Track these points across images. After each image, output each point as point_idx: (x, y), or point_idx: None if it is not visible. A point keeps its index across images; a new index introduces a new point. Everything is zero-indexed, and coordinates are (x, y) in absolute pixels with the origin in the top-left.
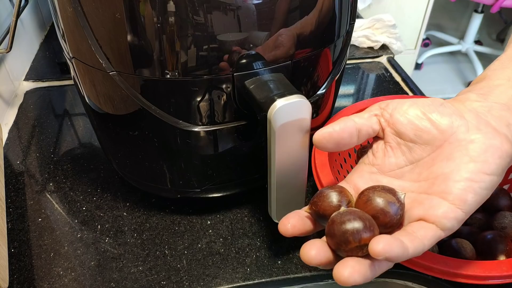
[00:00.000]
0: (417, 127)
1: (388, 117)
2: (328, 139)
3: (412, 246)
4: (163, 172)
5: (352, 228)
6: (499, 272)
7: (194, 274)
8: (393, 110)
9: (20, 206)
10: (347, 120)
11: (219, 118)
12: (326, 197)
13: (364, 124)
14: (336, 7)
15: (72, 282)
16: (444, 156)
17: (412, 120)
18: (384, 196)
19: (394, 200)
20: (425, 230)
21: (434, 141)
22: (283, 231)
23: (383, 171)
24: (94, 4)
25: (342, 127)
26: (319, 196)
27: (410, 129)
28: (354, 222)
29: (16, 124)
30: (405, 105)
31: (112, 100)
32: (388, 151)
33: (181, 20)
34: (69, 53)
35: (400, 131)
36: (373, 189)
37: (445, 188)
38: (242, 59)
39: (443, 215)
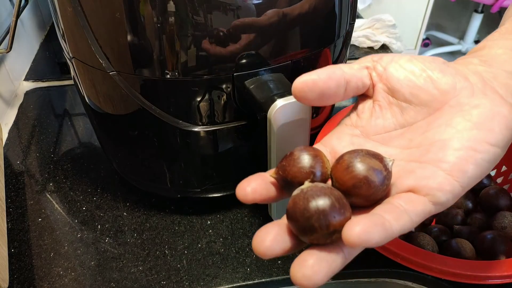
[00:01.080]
0: (414, 84)
1: (382, 71)
2: (312, 87)
3: (398, 225)
4: (163, 172)
5: (318, 212)
6: (499, 272)
7: (194, 274)
8: (387, 63)
9: (20, 206)
10: (335, 68)
11: (219, 118)
12: (296, 161)
13: (354, 76)
14: (336, 7)
15: (72, 282)
16: (442, 120)
17: (410, 76)
18: (368, 162)
19: (381, 168)
20: (414, 204)
21: (433, 103)
22: (241, 196)
23: (367, 134)
24: (94, 4)
25: (329, 74)
26: (289, 159)
27: (406, 86)
28: (320, 202)
29: (16, 124)
30: (403, 59)
31: (112, 100)
32: (376, 111)
33: (181, 20)
34: (69, 53)
35: (394, 88)
36: (355, 153)
37: (442, 156)
38: (242, 59)
39: (437, 187)
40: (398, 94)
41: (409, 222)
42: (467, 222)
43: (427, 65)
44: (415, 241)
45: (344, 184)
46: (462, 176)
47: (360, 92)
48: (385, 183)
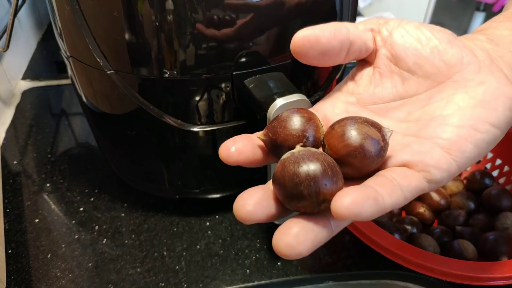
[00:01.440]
0: (420, 54)
1: (387, 35)
2: (314, 43)
3: (391, 200)
4: (161, 173)
5: (308, 178)
6: (501, 273)
7: (193, 276)
8: (394, 28)
9: (17, 207)
10: (341, 25)
11: (218, 117)
12: (288, 123)
13: (358, 37)
14: (336, 5)
15: (70, 283)
16: (444, 95)
17: (416, 45)
18: (366, 130)
19: (379, 137)
20: (409, 179)
21: (437, 76)
22: (224, 155)
23: (363, 103)
24: (91, 2)
25: (334, 32)
26: (280, 121)
27: (411, 54)
28: (311, 168)
29: (13, 124)
30: (410, 25)
31: (109, 99)
32: (375, 78)
33: (180, 18)
34: (67, 52)
35: (398, 56)
36: (351, 119)
37: (441, 132)
38: (242, 57)
39: (434, 164)
40: (402, 62)
41: (402, 198)
42: (469, 223)
43: (435, 35)
44: (416, 242)
45: (338, 152)
46: (460, 156)
47: (362, 56)
48: (381, 154)
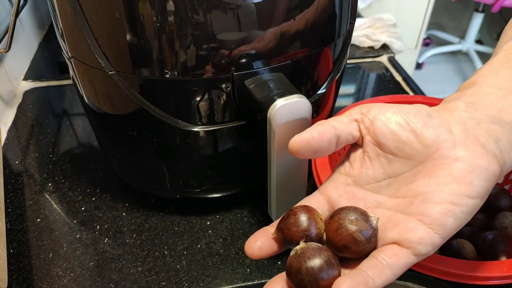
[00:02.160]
0: (399, 139)
1: (369, 124)
2: (306, 146)
3: (380, 280)
4: (162, 172)
5: (308, 274)
6: (500, 273)
7: (194, 275)
8: (374, 116)
9: (19, 207)
10: (326, 125)
11: (218, 118)
12: (292, 224)
13: (343, 131)
14: (336, 6)
15: (71, 282)
16: (425, 173)
17: (395, 131)
18: (355, 223)
19: (367, 228)
20: (397, 257)
21: (417, 156)
22: (249, 253)
23: (359, 183)
24: (93, 3)
25: (321, 133)
26: (285, 222)
27: (392, 140)
28: (310, 265)
29: (15, 124)
30: (389, 112)
31: (111, 100)
32: (365, 161)
33: (181, 19)
34: (68, 52)
35: (381, 142)
36: (344, 213)
37: (423, 210)
38: (242, 58)
39: (418, 241)
40: (385, 147)
41: (391, 276)
42: (468, 223)
43: (411, 119)
44: None
45: (336, 244)
46: (442, 229)
47: (351, 142)
48: (371, 240)
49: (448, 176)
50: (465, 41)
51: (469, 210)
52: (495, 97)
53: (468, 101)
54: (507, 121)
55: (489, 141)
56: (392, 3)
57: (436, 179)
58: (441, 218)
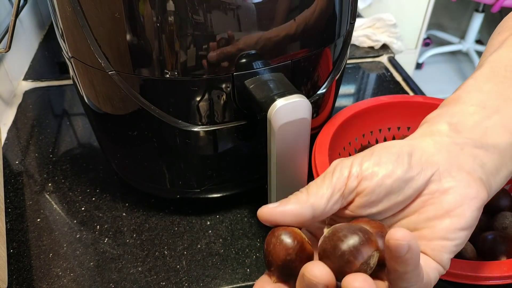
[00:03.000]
0: (390, 190)
1: (355, 186)
2: (273, 222)
3: None
4: (162, 173)
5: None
6: (500, 273)
7: (194, 275)
8: (358, 175)
9: (19, 207)
10: (303, 205)
11: (218, 118)
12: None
13: (323, 213)
14: (336, 6)
15: (71, 282)
16: (415, 209)
17: (384, 183)
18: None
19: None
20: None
21: (408, 200)
22: None
23: None
24: (93, 4)
25: (295, 215)
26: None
27: (383, 195)
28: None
29: (15, 124)
30: (371, 166)
31: (111, 100)
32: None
33: (181, 20)
34: (68, 52)
35: (371, 200)
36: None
37: None
38: (242, 58)
39: None
40: (375, 203)
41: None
42: None
43: (397, 165)
44: None
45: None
46: (440, 262)
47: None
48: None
49: (439, 210)
50: (465, 41)
51: (462, 242)
52: (479, 117)
53: (450, 122)
54: (491, 144)
55: (474, 166)
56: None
57: (427, 214)
58: (435, 255)
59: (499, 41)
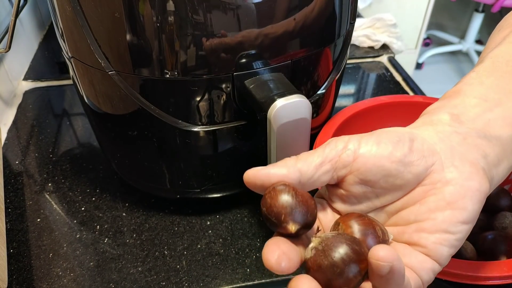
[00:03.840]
0: (389, 173)
1: (349, 161)
2: (259, 186)
3: None
4: (162, 172)
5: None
6: (500, 273)
7: (194, 275)
8: (355, 151)
9: (19, 207)
10: (290, 168)
11: (218, 118)
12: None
13: (310, 179)
14: (336, 6)
15: (71, 282)
16: (416, 199)
17: (382, 165)
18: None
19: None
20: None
21: (407, 186)
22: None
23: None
24: (93, 3)
25: (280, 177)
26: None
27: (381, 175)
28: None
29: (15, 124)
30: (369, 143)
31: (111, 100)
32: (350, 199)
33: (181, 19)
34: (68, 52)
35: (368, 179)
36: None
37: (418, 239)
38: (242, 58)
39: (421, 268)
40: (372, 183)
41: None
42: None
43: (398, 148)
44: None
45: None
46: (439, 257)
47: (318, 187)
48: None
49: (440, 201)
50: (465, 41)
51: (464, 236)
52: (481, 109)
53: (452, 113)
54: (494, 135)
55: (477, 156)
56: (392, 3)
57: (428, 205)
58: (437, 248)
59: (501, 37)
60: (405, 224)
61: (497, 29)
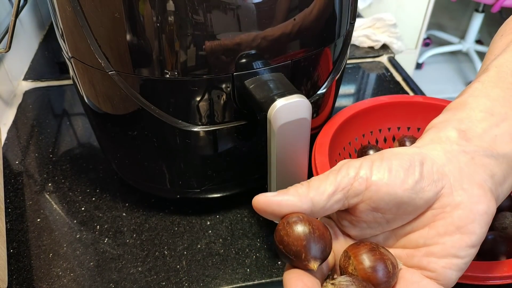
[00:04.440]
0: (401, 200)
1: (362, 189)
2: (270, 213)
3: None
4: (162, 172)
5: None
6: (500, 273)
7: (194, 275)
8: (367, 179)
9: (19, 207)
10: (303, 198)
11: (218, 118)
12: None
13: (322, 209)
14: (336, 6)
15: (71, 282)
16: (425, 223)
17: (395, 194)
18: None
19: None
20: None
21: (417, 211)
22: None
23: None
24: (93, 4)
25: (292, 206)
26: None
27: (393, 204)
28: None
29: (15, 124)
30: (381, 170)
31: (111, 100)
32: (361, 225)
33: (181, 20)
34: (68, 52)
35: (380, 207)
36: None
37: (427, 264)
38: (242, 58)
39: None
40: (384, 210)
41: None
42: None
43: (408, 173)
44: None
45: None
46: (447, 281)
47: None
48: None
49: (449, 226)
50: (465, 41)
51: (471, 259)
52: (487, 124)
53: (459, 128)
54: (501, 153)
55: (485, 177)
56: (392, 3)
57: (437, 229)
58: (446, 273)
59: (504, 43)
60: (414, 247)
61: (499, 34)
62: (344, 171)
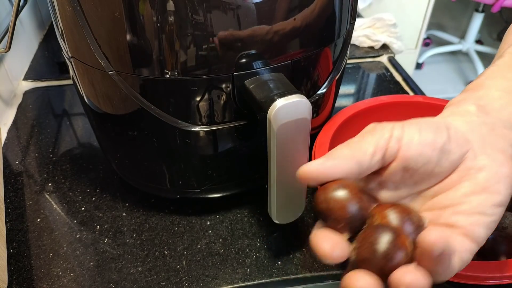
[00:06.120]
0: (429, 160)
1: (395, 149)
2: (316, 179)
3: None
4: (162, 172)
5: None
6: (500, 273)
7: (194, 275)
8: (399, 139)
9: (19, 207)
10: (348, 160)
11: (218, 118)
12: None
13: (367, 169)
14: (336, 6)
15: (71, 282)
16: (451, 185)
17: (424, 153)
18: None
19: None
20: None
21: (444, 173)
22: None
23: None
24: (93, 3)
25: (341, 169)
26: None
27: (422, 164)
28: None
29: (15, 124)
30: (411, 131)
31: (111, 100)
32: (389, 186)
33: (181, 19)
34: (68, 52)
35: (410, 167)
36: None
37: (455, 221)
38: (242, 58)
39: (460, 248)
40: (413, 171)
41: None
42: None
43: (435, 136)
44: None
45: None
46: (477, 237)
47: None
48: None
49: (475, 186)
50: (465, 41)
51: (498, 218)
52: (505, 102)
53: (478, 104)
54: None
55: (505, 145)
56: (392, 3)
57: (463, 190)
58: (474, 229)
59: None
60: (440, 209)
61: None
62: (379, 132)
